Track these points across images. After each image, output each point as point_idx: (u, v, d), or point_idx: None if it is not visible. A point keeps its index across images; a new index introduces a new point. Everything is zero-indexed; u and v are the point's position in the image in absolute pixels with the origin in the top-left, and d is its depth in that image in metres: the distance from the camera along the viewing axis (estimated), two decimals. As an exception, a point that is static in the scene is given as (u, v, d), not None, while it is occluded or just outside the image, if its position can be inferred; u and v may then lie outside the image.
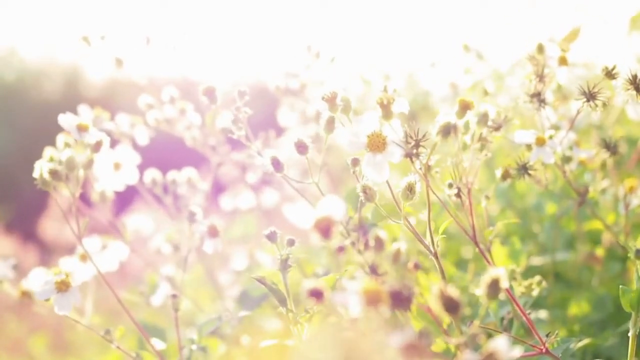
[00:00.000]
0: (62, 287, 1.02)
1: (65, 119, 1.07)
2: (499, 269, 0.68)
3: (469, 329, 0.65)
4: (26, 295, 1.22)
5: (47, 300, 1.03)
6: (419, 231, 0.96)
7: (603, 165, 1.33)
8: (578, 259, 1.48)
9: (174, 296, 1.08)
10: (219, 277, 1.65)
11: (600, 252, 1.45)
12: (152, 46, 1.42)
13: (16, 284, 1.24)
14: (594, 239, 1.52)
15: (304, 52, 1.52)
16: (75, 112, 1.31)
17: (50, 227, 2.65)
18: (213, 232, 1.15)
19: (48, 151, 1.16)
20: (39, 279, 1.22)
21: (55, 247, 2.61)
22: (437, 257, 0.94)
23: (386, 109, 0.85)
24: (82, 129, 1.07)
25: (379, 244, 0.71)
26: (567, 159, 1.17)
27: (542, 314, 1.34)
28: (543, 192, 1.49)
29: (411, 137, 0.86)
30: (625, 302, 0.94)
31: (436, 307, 0.65)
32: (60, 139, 1.17)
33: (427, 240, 0.94)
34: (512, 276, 1.09)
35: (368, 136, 0.88)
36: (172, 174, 1.39)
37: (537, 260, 1.46)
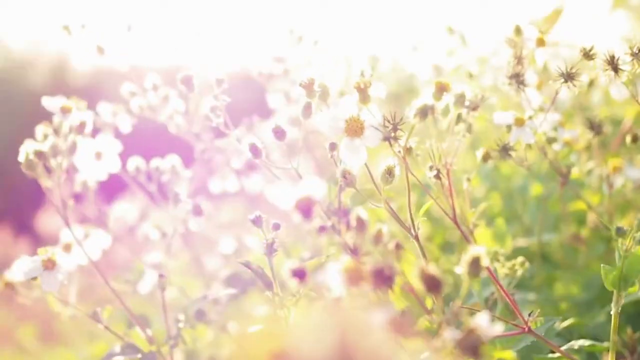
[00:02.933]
0: (49, 264, 1.04)
1: (49, 101, 1.14)
2: (480, 248, 0.68)
3: (451, 307, 0.65)
4: (9, 286, 1.21)
5: (34, 279, 1.04)
6: (402, 214, 0.96)
7: (588, 146, 1.33)
8: (563, 240, 1.49)
9: (161, 276, 1.09)
10: (206, 263, 1.64)
11: (585, 232, 1.45)
12: (135, 33, 1.41)
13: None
14: (580, 219, 1.52)
15: (287, 36, 1.51)
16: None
17: (41, 219, 2.64)
18: (197, 211, 1.20)
19: (40, 129, 1.15)
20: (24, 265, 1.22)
21: (47, 241, 2.59)
22: (418, 240, 0.94)
23: (363, 93, 0.85)
24: (65, 111, 1.13)
25: (361, 225, 0.71)
26: (551, 140, 1.16)
27: (530, 295, 1.35)
28: (529, 174, 1.49)
29: (389, 121, 0.86)
30: (608, 281, 0.94)
31: (418, 285, 0.65)
32: (40, 129, 1.16)
33: (409, 223, 0.94)
34: (495, 258, 1.10)
35: (346, 121, 0.88)
36: (155, 162, 1.39)
37: (522, 242, 1.46)
